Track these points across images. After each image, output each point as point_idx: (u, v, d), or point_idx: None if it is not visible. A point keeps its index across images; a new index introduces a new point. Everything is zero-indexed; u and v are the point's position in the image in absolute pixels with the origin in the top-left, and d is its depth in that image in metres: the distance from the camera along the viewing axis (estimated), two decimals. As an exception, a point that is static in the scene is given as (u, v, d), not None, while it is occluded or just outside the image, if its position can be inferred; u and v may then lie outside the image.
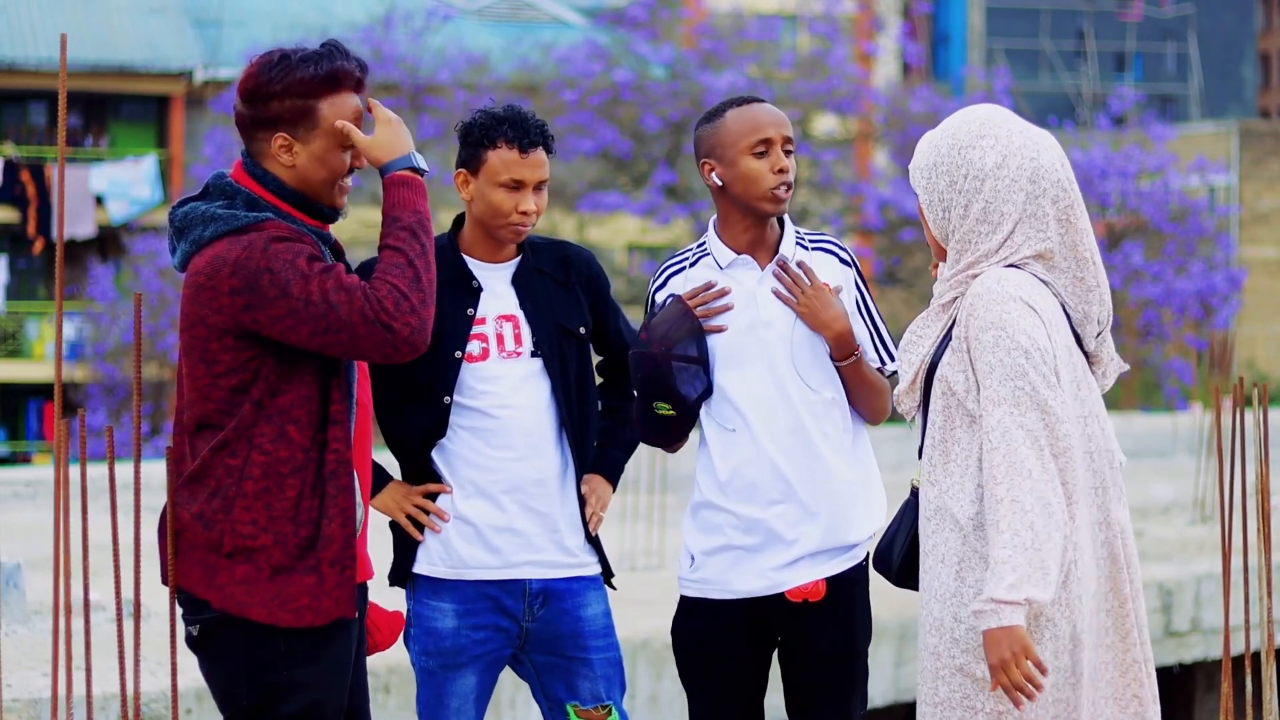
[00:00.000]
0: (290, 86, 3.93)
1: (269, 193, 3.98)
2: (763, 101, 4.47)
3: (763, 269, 4.45)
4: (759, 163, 4.40)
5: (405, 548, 4.55)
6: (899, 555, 4.10)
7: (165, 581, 4.05)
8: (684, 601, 4.53)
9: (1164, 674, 11.76)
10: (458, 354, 4.47)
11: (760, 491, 4.41)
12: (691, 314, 4.39)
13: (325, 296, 3.82)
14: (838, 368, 4.42)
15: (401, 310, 3.84)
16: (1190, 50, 66.34)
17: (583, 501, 4.57)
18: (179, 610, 4.04)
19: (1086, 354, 3.98)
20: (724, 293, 4.42)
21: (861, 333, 4.49)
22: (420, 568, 4.52)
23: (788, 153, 4.43)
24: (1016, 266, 3.89)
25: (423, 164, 4.00)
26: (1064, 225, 3.90)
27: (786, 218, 4.51)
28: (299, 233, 3.93)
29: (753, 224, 4.44)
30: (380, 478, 4.53)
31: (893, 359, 4.47)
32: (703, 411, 4.47)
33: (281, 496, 3.92)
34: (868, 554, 4.49)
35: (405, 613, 4.55)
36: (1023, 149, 3.87)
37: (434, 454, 4.51)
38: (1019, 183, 3.86)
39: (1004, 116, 3.93)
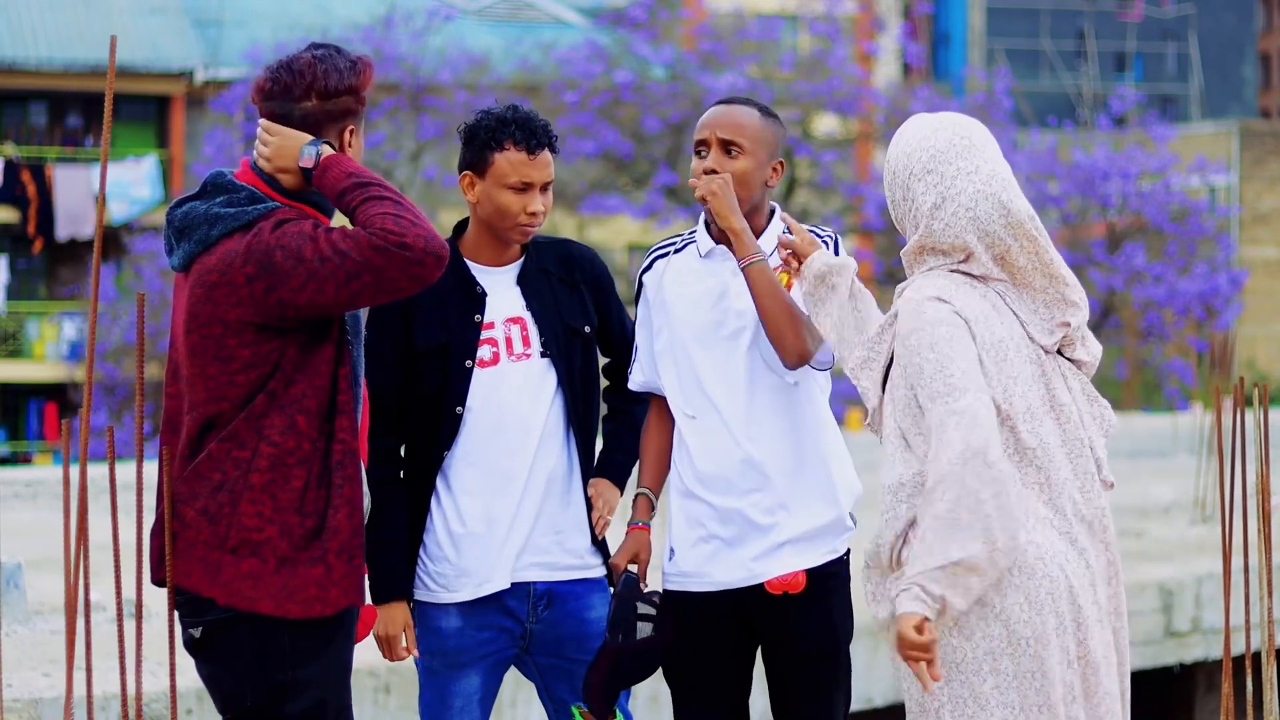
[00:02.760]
0: (357, 82, 4.05)
1: (276, 194, 4.01)
2: (729, 104, 4.49)
3: (739, 260, 4.43)
4: (697, 163, 4.46)
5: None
6: None
7: (155, 581, 4.04)
8: (665, 596, 4.51)
9: (1164, 674, 11.76)
10: (468, 363, 4.45)
11: (735, 481, 4.40)
12: (641, 602, 4.40)
13: (335, 247, 3.84)
14: (742, 270, 4.36)
15: (404, 225, 3.84)
16: (1191, 50, 66.33)
17: (588, 503, 4.55)
18: (178, 612, 4.01)
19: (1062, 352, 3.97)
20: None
21: None
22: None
23: (731, 155, 4.41)
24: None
25: (321, 145, 4.01)
26: (1003, 264, 3.90)
27: (779, 210, 4.52)
28: (303, 213, 3.97)
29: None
30: (393, 587, 4.44)
31: None
32: (670, 399, 4.49)
33: (287, 487, 3.91)
34: (848, 549, 4.50)
35: (409, 612, 4.53)
36: (960, 196, 3.87)
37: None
38: (953, 228, 3.88)
39: (960, 149, 3.90)
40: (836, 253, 4.46)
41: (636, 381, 4.56)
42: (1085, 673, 3.83)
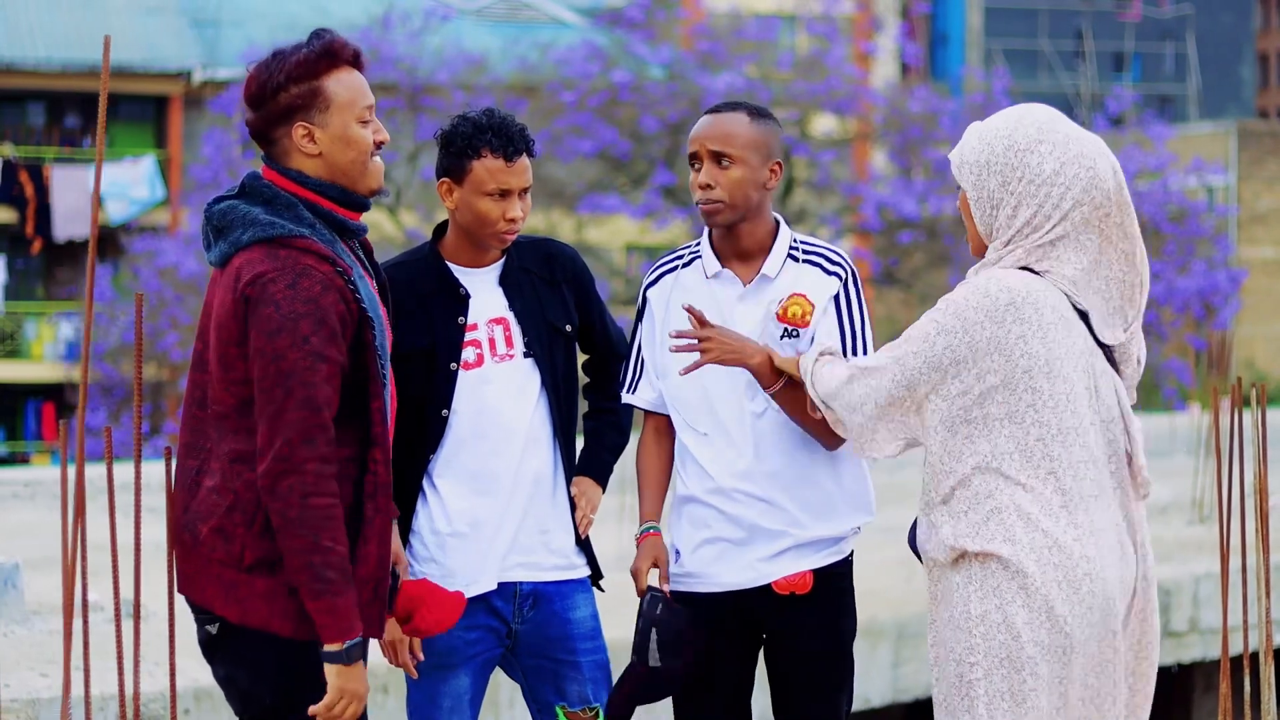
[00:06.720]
0: (291, 73, 3.92)
1: (305, 189, 3.91)
2: (717, 113, 4.44)
3: (745, 285, 4.43)
4: (694, 176, 4.43)
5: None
6: None
7: (181, 590, 3.97)
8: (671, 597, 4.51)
9: (1162, 674, 11.77)
10: (453, 366, 4.44)
11: (744, 498, 4.41)
12: (677, 622, 4.38)
13: (293, 374, 3.77)
14: (770, 395, 4.34)
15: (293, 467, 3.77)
16: (1189, 50, 66.35)
17: (572, 503, 4.55)
18: (193, 614, 3.96)
19: (1111, 349, 3.98)
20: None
21: (829, 338, 4.41)
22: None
23: (723, 166, 4.38)
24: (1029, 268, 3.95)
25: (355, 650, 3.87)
26: (1105, 233, 3.94)
27: (785, 226, 4.50)
28: (333, 258, 3.86)
29: (721, 233, 4.45)
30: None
31: None
32: (674, 414, 4.49)
33: None
34: (852, 550, 4.51)
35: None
36: (1080, 158, 3.92)
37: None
38: (1072, 190, 3.90)
39: (1060, 120, 3.96)
40: (857, 286, 4.46)
41: (647, 400, 4.54)
42: (1097, 683, 3.90)
